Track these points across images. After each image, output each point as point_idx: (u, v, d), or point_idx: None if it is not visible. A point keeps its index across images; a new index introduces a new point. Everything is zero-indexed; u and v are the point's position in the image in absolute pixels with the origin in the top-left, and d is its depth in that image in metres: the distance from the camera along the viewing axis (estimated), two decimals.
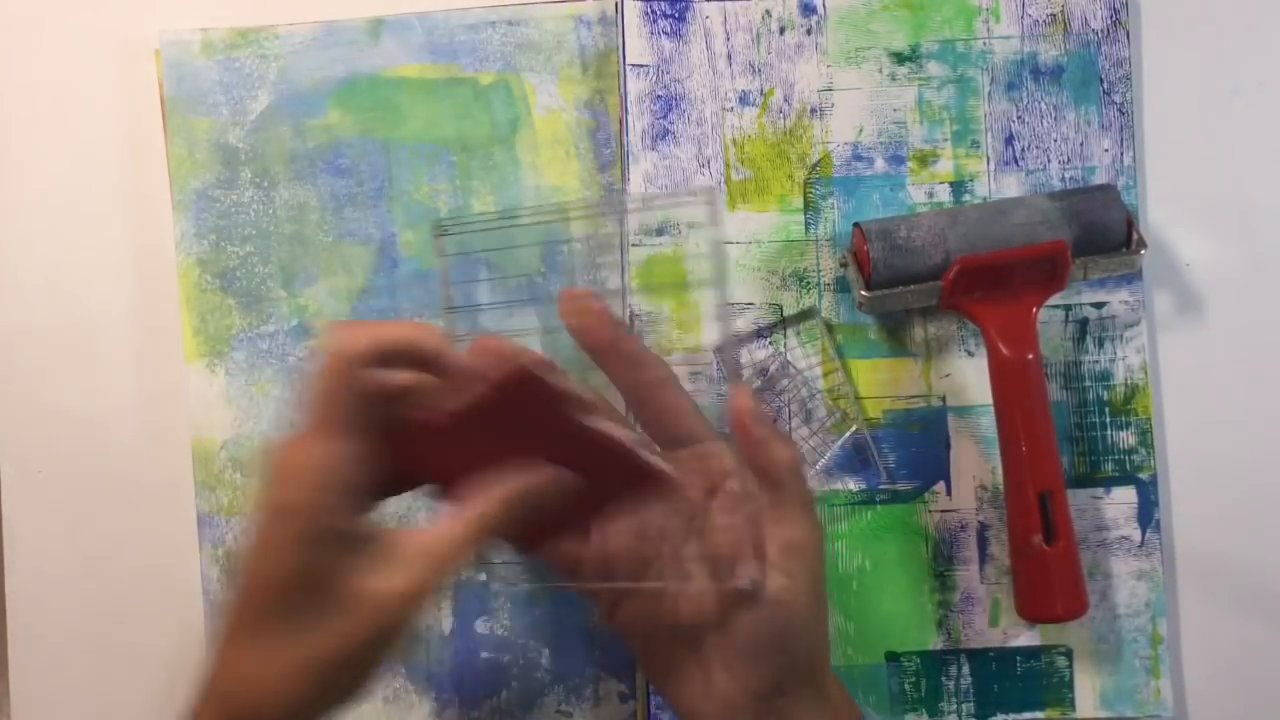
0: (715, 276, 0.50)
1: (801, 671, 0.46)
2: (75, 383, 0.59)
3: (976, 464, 0.57)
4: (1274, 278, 0.59)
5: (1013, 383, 0.54)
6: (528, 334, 0.57)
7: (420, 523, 0.57)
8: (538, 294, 0.57)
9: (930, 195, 0.58)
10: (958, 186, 0.58)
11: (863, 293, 0.55)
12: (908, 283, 0.55)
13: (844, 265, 0.57)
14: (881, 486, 0.57)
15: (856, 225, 0.55)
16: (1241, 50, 0.59)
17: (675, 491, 0.47)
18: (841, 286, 0.58)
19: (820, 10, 0.58)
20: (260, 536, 0.41)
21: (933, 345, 0.58)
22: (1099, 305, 0.58)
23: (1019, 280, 0.54)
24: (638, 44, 0.58)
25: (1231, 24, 0.59)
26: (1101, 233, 0.55)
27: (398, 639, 0.42)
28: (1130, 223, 0.55)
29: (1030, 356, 0.53)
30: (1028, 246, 0.54)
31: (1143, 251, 0.55)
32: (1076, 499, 0.57)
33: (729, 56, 0.58)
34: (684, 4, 0.58)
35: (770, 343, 0.58)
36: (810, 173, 0.58)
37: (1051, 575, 0.53)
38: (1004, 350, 0.54)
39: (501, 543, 0.49)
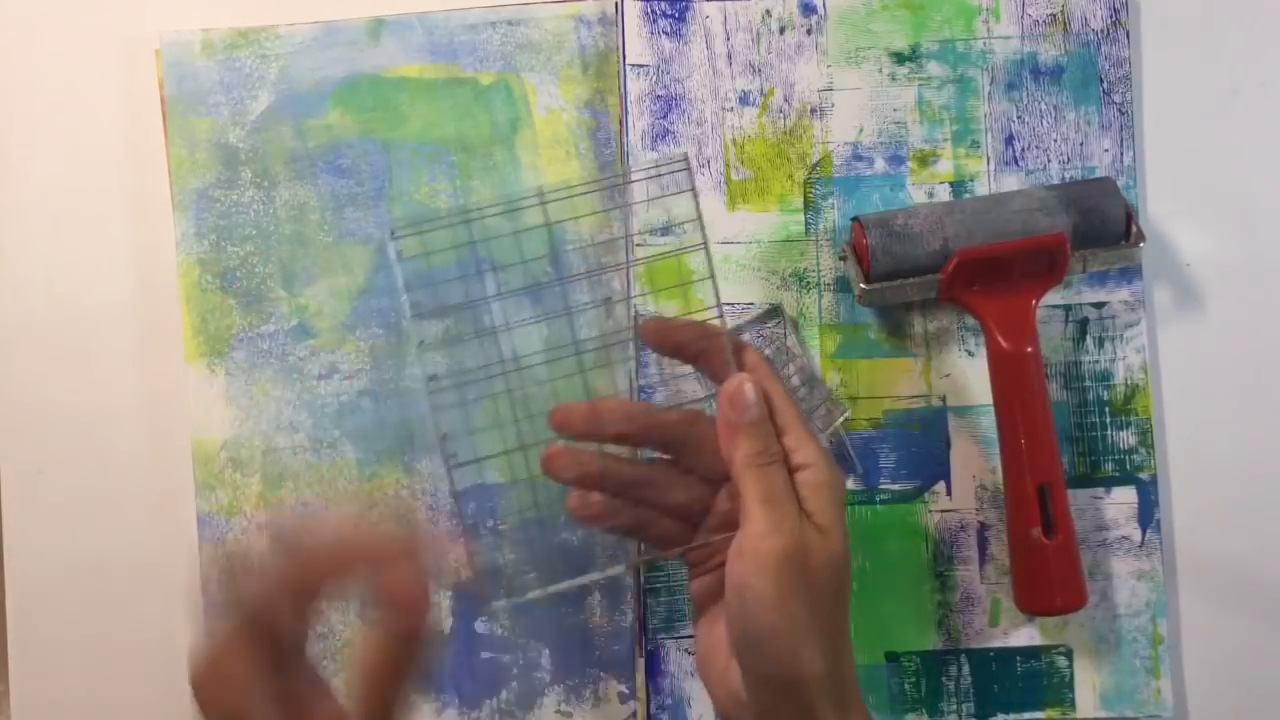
0: (703, 248, 0.49)
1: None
2: (75, 382, 0.59)
3: (977, 464, 0.57)
4: (1274, 278, 0.59)
5: (1012, 375, 0.54)
6: (524, 324, 0.57)
7: None
8: (530, 287, 0.57)
9: (930, 195, 0.58)
10: (958, 186, 0.58)
11: (862, 285, 0.55)
12: (906, 273, 0.54)
13: (843, 258, 0.57)
14: (882, 486, 0.57)
15: (855, 219, 0.55)
16: (1241, 50, 0.59)
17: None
18: (841, 286, 0.58)
19: (820, 10, 0.58)
20: None
21: (933, 345, 0.58)
22: (1099, 305, 0.58)
23: (1018, 272, 0.54)
24: (638, 44, 0.58)
25: (1231, 24, 0.59)
26: (1100, 219, 0.54)
27: None
28: (1129, 215, 0.55)
29: (1029, 349, 0.53)
30: (1027, 239, 0.54)
31: (1141, 244, 0.55)
32: (1076, 499, 0.57)
33: (729, 56, 0.58)
34: (684, 4, 0.58)
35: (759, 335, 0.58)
36: (810, 173, 0.58)
37: (1050, 568, 0.53)
38: (1003, 343, 0.54)
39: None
